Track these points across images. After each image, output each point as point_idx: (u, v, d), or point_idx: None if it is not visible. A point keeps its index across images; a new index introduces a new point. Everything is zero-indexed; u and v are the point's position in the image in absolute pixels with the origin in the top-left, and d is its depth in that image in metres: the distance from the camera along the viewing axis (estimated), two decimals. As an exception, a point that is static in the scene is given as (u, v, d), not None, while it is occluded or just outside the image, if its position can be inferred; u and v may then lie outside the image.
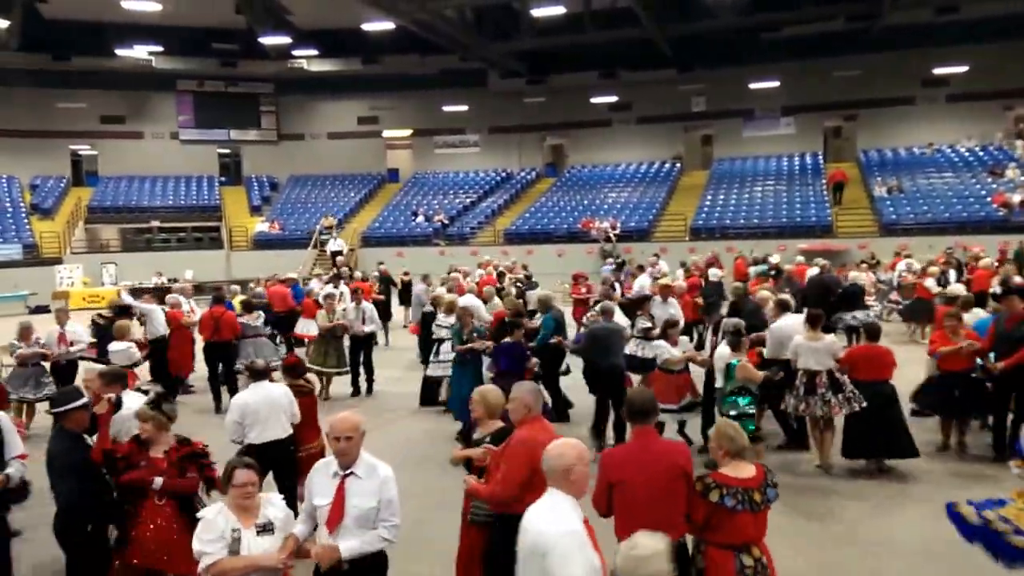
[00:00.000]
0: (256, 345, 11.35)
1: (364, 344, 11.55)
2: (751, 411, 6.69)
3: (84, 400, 5.01)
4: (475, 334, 9.02)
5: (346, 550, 3.65)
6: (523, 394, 4.18)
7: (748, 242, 22.65)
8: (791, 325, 7.97)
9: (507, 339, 8.34)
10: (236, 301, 12.99)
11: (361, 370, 11.51)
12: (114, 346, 9.16)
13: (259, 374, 6.08)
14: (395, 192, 32.00)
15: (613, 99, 29.93)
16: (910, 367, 8.80)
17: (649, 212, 26.82)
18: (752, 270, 16.90)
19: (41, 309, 23.12)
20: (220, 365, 10.83)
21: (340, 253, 25.32)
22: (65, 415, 4.88)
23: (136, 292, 23.05)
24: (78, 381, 8.19)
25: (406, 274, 18.29)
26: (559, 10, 23.21)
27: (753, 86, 28.29)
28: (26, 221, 27.78)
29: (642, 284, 14.05)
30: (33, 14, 26.66)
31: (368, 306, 11.79)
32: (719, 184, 28.15)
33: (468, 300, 10.69)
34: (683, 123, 30.68)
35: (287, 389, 6.15)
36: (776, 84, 28.02)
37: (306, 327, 12.93)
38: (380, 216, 30.04)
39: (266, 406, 5.84)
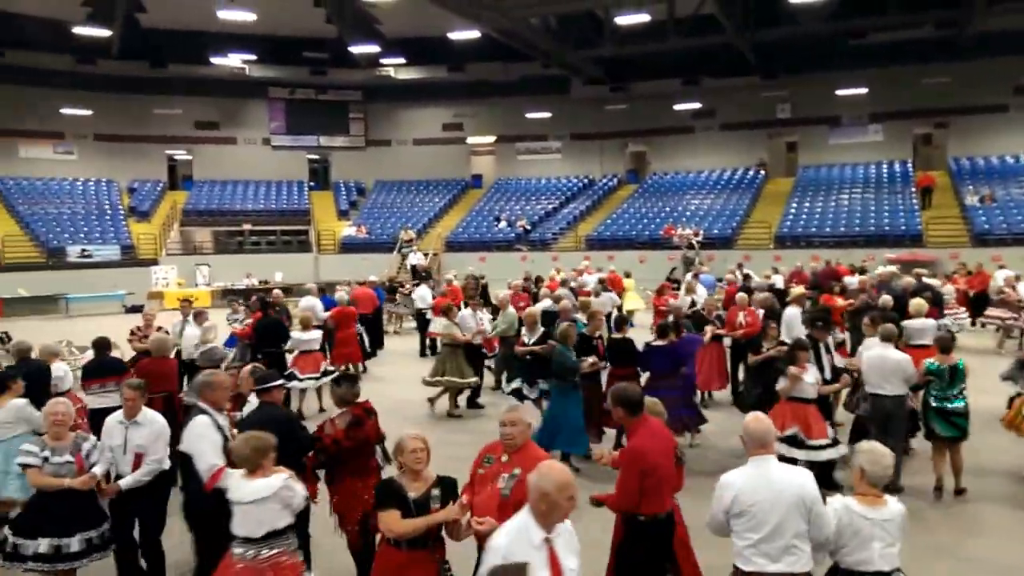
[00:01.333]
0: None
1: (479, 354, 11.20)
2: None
3: (281, 381, 5.75)
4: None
5: None
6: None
7: (834, 251, 22.18)
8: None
9: (659, 342, 8.43)
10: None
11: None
12: (299, 335, 10.49)
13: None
14: (478, 198, 32.37)
15: (696, 106, 29.64)
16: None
17: (732, 219, 26.44)
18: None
19: (136, 308, 24.09)
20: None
21: (418, 267, 25.35)
22: (267, 392, 5.37)
23: (231, 293, 24.14)
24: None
25: (481, 277, 18.61)
26: (643, 18, 23.18)
27: (840, 92, 27.63)
28: (124, 223, 29.05)
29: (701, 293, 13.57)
30: (133, 23, 28.05)
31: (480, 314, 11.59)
32: (804, 191, 27.57)
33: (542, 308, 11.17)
34: (767, 130, 30.16)
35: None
36: (864, 91, 27.31)
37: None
38: (463, 221, 30.44)
39: None
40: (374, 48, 28.25)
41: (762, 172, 29.81)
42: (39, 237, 26.67)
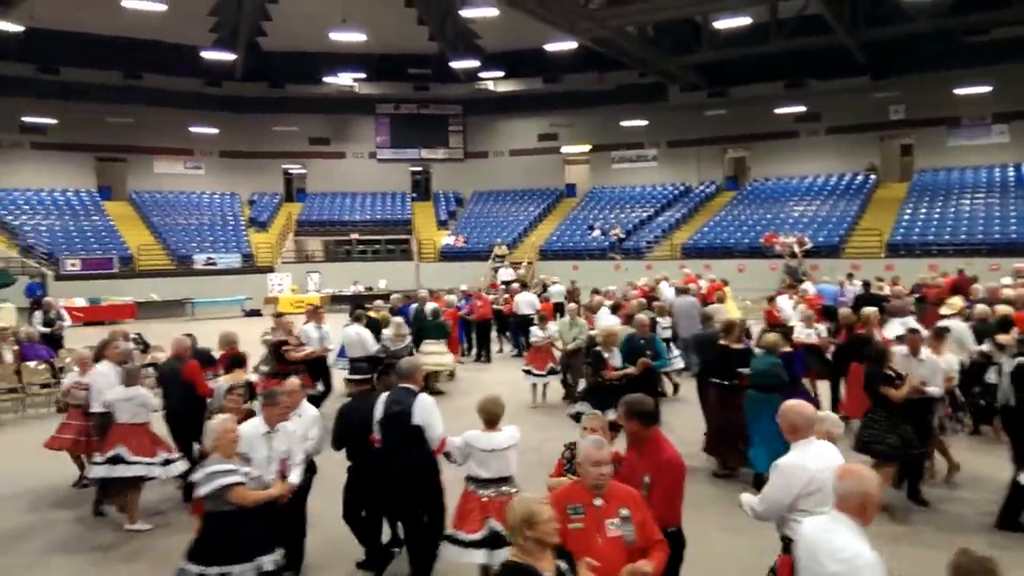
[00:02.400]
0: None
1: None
2: None
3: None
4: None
5: None
6: None
7: (954, 260, 20.87)
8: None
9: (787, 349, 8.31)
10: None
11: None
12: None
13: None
14: (572, 207, 32.65)
15: (800, 109, 28.71)
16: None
17: (840, 227, 25.44)
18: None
19: (254, 312, 25.92)
20: None
21: (510, 282, 25.50)
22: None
23: (339, 298, 25.46)
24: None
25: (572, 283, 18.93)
26: (743, 21, 22.80)
27: (959, 92, 25.95)
28: (244, 233, 31.17)
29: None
30: (254, 47, 30.22)
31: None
32: (920, 197, 26.15)
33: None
34: (878, 132, 28.79)
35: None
36: (987, 89, 25.51)
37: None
38: (557, 230, 30.79)
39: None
40: (474, 63, 29.14)
41: (872, 177, 28.49)
42: (169, 246, 29.09)
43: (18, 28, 23.66)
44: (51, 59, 27.93)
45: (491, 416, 5.21)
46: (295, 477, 5.30)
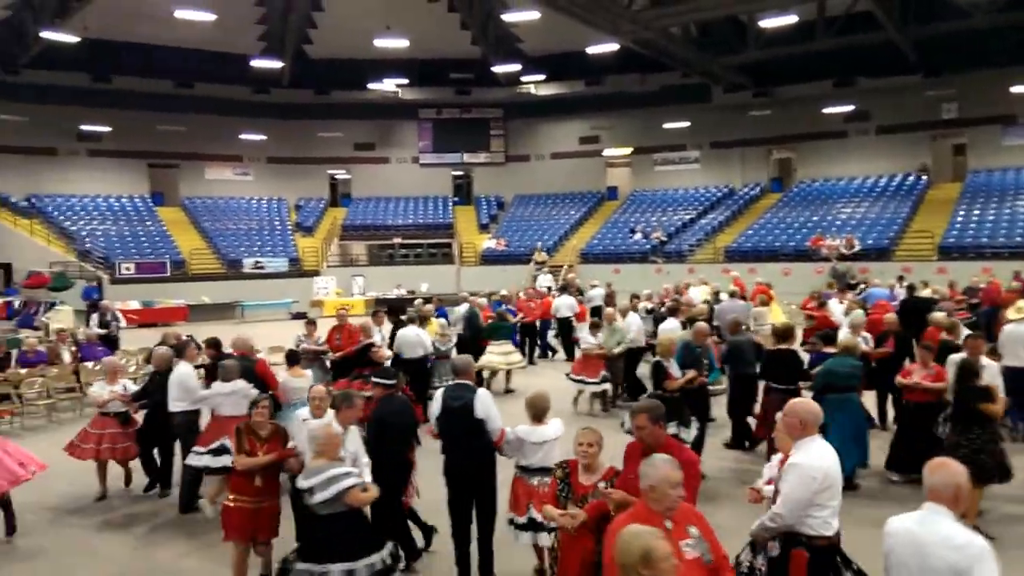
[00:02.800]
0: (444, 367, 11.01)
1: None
2: None
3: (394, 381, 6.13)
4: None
5: None
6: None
7: (1009, 263, 20.27)
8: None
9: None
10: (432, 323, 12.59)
11: None
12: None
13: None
14: (614, 210, 32.49)
15: (849, 108, 28.11)
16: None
17: (889, 229, 24.84)
18: None
19: (300, 316, 26.35)
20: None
21: (550, 289, 25.36)
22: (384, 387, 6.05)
23: (382, 301, 25.78)
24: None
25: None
26: (790, 19, 22.44)
27: (1015, 90, 25.16)
28: (291, 238, 31.82)
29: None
30: (301, 55, 30.82)
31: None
32: (974, 198, 25.38)
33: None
34: (930, 132, 28.02)
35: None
36: (1044, 87, 24.73)
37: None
38: (598, 233, 30.68)
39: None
40: (515, 66, 29.24)
41: (924, 177, 27.76)
42: (220, 250, 29.83)
43: (74, 39, 24.58)
44: (105, 69, 28.97)
45: (538, 411, 5.53)
46: (367, 476, 5.41)
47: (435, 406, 5.85)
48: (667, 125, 31.30)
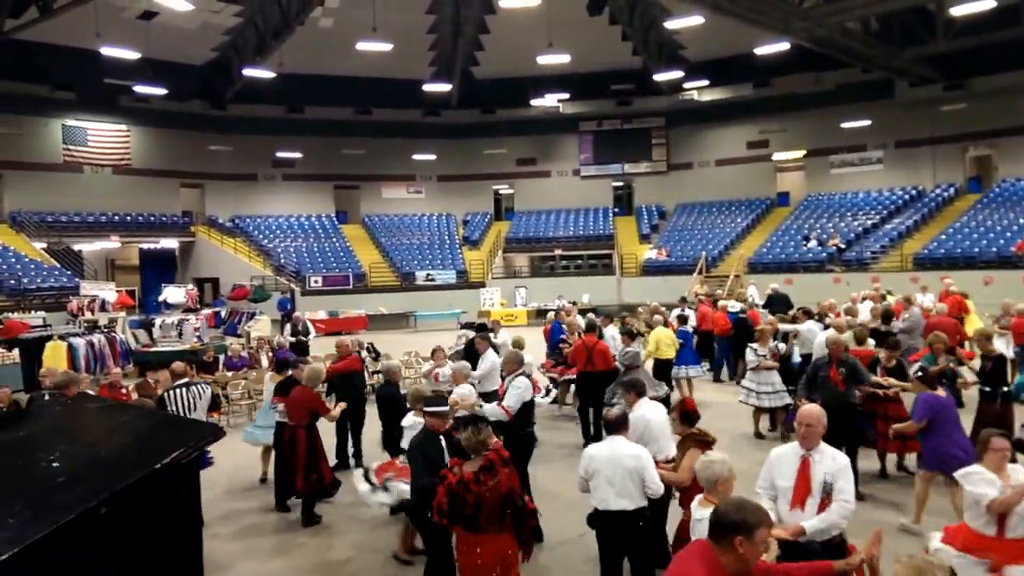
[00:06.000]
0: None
1: None
2: None
3: (446, 408, 5.72)
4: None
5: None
6: None
7: None
8: None
9: None
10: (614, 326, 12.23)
11: None
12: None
13: (610, 426, 5.17)
14: (785, 216, 30.93)
15: (1058, 98, 25.03)
16: None
17: (1114, 230, 21.81)
18: None
19: (468, 325, 27.30)
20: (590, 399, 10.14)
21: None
22: (434, 416, 5.57)
23: (543, 312, 26.14)
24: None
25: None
26: (987, 4, 20.38)
27: None
28: (459, 251, 33.27)
29: None
30: (468, 76, 32.20)
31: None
32: None
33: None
34: None
35: (642, 451, 5.08)
36: None
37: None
38: (768, 241, 29.34)
39: (610, 466, 4.92)
40: (678, 74, 28.76)
41: None
42: (395, 263, 31.82)
43: (271, 74, 27.37)
44: (297, 100, 31.96)
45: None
46: None
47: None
48: (845, 125, 29.39)
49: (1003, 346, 10.62)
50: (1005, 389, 8.04)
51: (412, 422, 6.49)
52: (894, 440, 7.71)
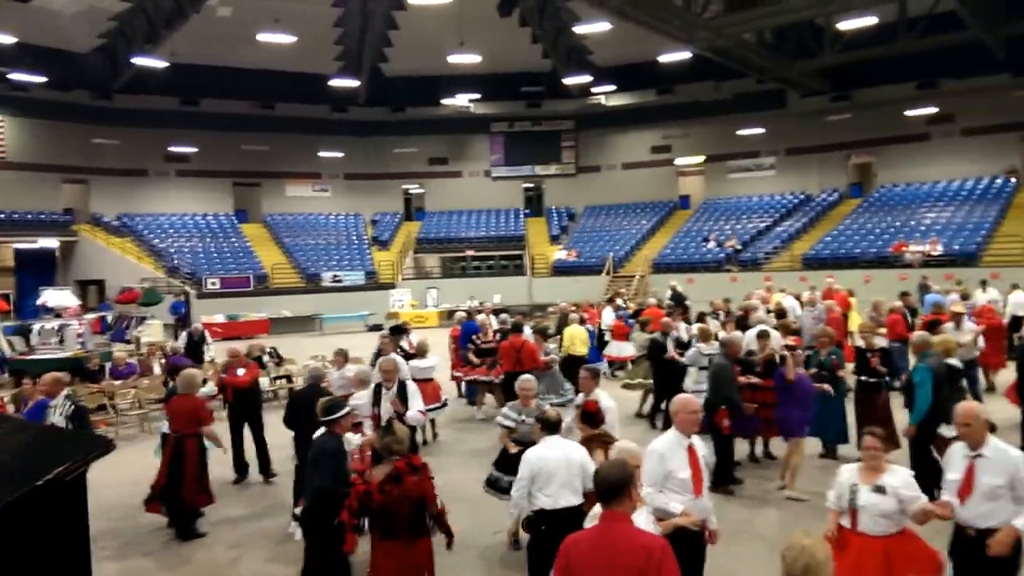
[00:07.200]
0: (550, 379, 10.54)
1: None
2: None
3: (348, 410, 5.76)
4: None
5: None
6: None
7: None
8: None
9: None
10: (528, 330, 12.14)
11: None
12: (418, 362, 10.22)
13: (552, 427, 5.21)
14: (686, 219, 32.07)
15: (932, 111, 27.02)
16: None
17: (977, 234, 23.72)
18: None
19: (376, 328, 26.86)
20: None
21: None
22: (334, 422, 5.56)
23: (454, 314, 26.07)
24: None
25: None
26: (869, 21, 21.77)
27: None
28: (368, 251, 32.64)
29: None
30: (377, 73, 31.68)
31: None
32: (1070, 200, 23.98)
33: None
34: (1019, 133, 26.59)
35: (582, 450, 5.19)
36: None
37: (619, 349, 13.72)
38: (670, 243, 30.33)
39: (564, 466, 4.96)
40: (586, 78, 29.29)
41: (1013, 180, 26.36)
42: (299, 264, 30.86)
43: (163, 64, 25.99)
44: (192, 92, 30.43)
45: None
46: None
47: None
48: (741, 132, 30.75)
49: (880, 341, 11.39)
50: (887, 379, 8.66)
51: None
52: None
